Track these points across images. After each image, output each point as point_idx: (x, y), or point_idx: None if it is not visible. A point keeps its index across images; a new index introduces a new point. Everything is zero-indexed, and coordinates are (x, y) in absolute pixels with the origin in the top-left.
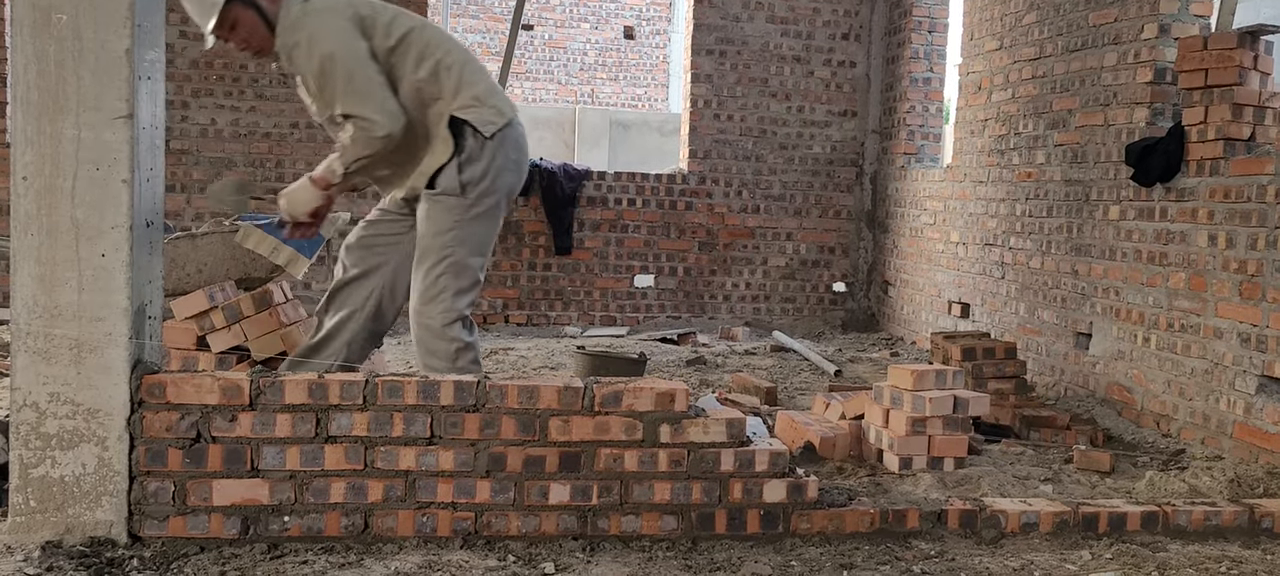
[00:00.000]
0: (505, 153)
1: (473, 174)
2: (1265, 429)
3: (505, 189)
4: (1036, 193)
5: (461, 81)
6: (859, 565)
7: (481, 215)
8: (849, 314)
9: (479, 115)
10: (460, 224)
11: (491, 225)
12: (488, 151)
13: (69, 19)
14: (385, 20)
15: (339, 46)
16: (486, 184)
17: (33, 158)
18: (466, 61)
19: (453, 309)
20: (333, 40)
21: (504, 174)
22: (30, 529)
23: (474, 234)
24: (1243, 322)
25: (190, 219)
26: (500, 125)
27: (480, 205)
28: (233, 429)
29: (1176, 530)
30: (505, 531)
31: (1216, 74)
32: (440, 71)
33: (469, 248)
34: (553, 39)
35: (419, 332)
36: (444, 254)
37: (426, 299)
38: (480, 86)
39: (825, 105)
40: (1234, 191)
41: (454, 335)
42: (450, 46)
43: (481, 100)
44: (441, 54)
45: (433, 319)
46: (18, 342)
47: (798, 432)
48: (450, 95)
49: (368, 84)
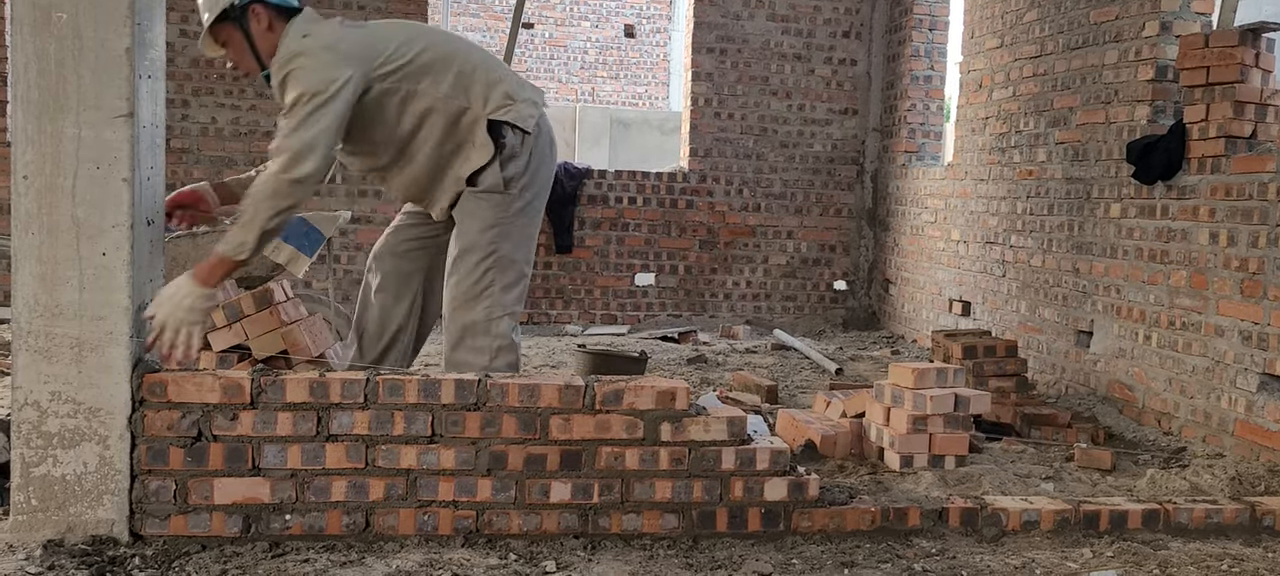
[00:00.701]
0: (541, 145)
1: (515, 170)
2: (1266, 426)
3: (544, 181)
4: (1037, 190)
5: (489, 84)
6: (860, 563)
7: (524, 209)
8: (850, 312)
9: (516, 113)
10: (505, 220)
11: (534, 219)
12: (527, 146)
13: (69, 18)
14: (392, 48)
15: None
16: (527, 178)
17: (33, 156)
18: (484, 62)
19: (500, 304)
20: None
21: (542, 167)
22: (32, 527)
23: (518, 228)
24: (1244, 320)
25: None
26: (537, 117)
27: (522, 199)
28: (234, 427)
29: (1178, 528)
30: (506, 530)
31: (1218, 71)
32: (461, 82)
33: (513, 242)
34: (553, 37)
35: (457, 331)
36: (490, 249)
37: (471, 295)
38: (508, 83)
39: (826, 103)
40: (1235, 189)
41: (499, 331)
42: (465, 51)
43: (514, 97)
44: (457, 61)
45: (477, 315)
46: (19, 341)
47: (799, 431)
48: (480, 102)
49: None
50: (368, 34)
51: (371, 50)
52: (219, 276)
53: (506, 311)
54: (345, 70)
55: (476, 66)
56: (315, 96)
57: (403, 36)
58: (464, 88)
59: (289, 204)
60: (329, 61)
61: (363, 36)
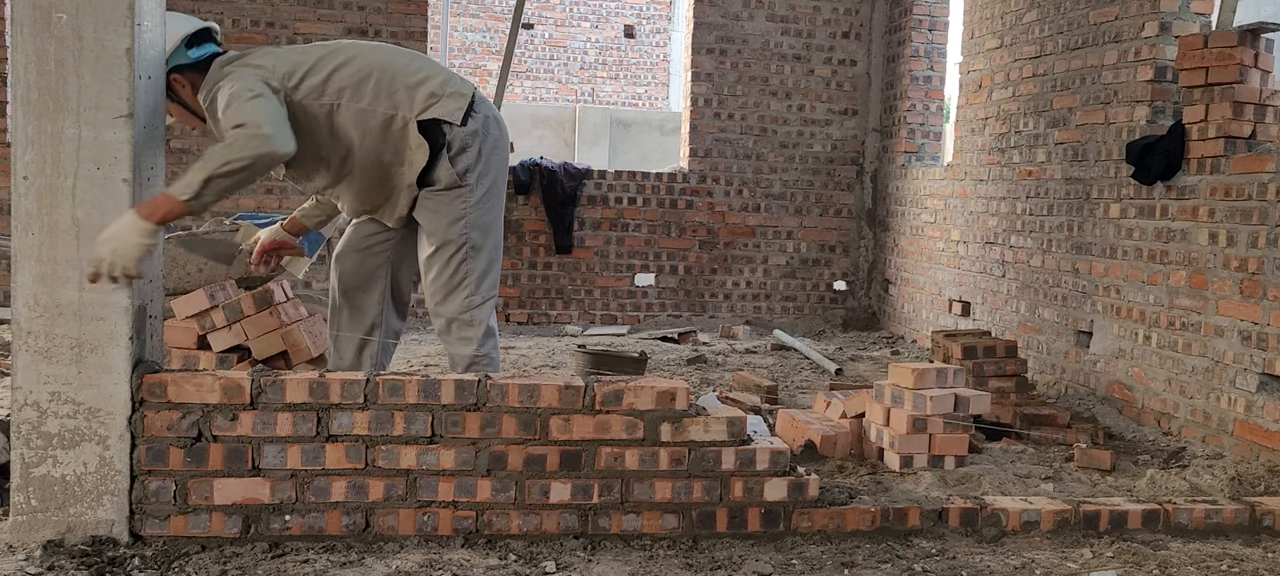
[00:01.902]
0: (485, 130)
1: (468, 161)
2: (1266, 426)
3: (499, 165)
4: (1037, 191)
5: (412, 88)
6: (860, 563)
7: (485, 196)
8: (850, 312)
9: (442, 109)
10: (468, 210)
11: (497, 202)
12: (474, 136)
13: (69, 18)
14: (309, 65)
15: (244, 86)
16: (482, 166)
17: (33, 157)
18: (405, 66)
19: (477, 292)
20: (240, 84)
21: (495, 151)
22: (32, 528)
23: (482, 215)
24: (1243, 320)
25: (190, 218)
26: (466, 105)
27: (481, 187)
28: (234, 428)
29: (1177, 528)
30: (506, 530)
31: (1217, 72)
32: (382, 90)
33: (480, 230)
34: (553, 38)
35: (442, 324)
36: (461, 240)
37: (449, 289)
38: (432, 81)
39: (826, 103)
40: (1234, 189)
41: (480, 317)
42: (385, 59)
43: (438, 93)
44: (375, 71)
45: (456, 306)
46: (19, 341)
47: (799, 431)
48: (406, 106)
49: (263, 107)
50: (280, 54)
51: (285, 67)
52: (161, 213)
53: (485, 298)
54: (262, 75)
55: (397, 72)
56: (243, 94)
57: (318, 54)
58: (387, 94)
59: (243, 157)
60: (246, 74)
61: (274, 57)
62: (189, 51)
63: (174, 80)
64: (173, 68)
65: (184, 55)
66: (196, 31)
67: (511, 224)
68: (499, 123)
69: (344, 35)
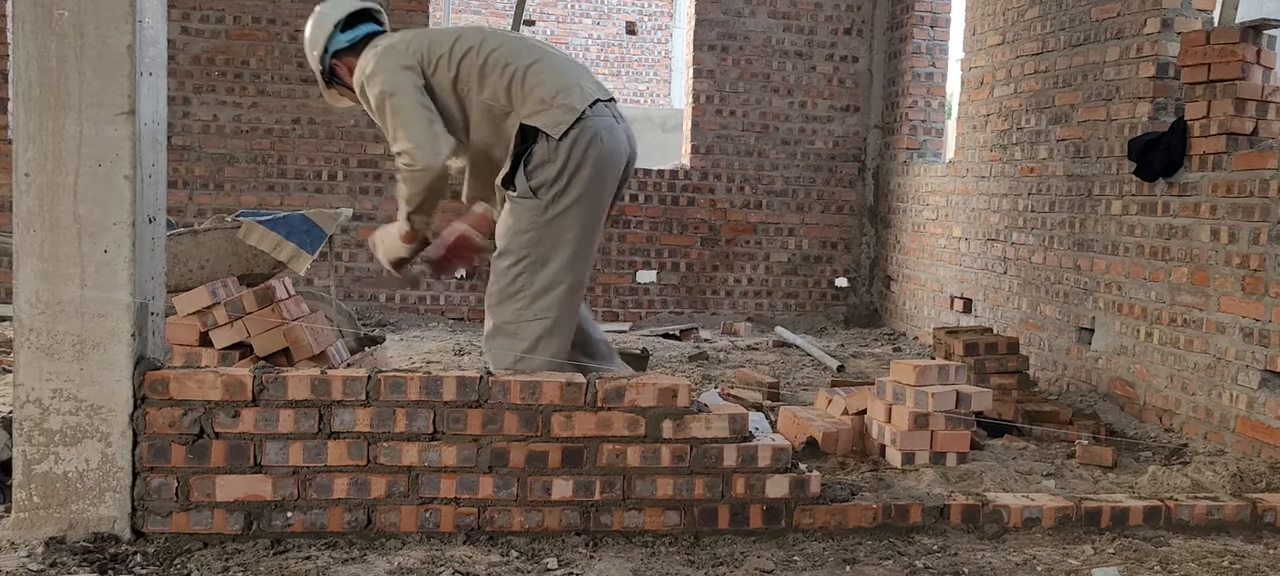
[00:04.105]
0: (582, 148)
1: (545, 177)
2: (1267, 423)
3: (588, 184)
4: (1039, 187)
5: (527, 88)
6: (861, 560)
7: (560, 216)
8: (851, 309)
9: (546, 119)
10: (537, 226)
11: (575, 225)
12: (561, 152)
13: (71, 15)
14: (444, 51)
15: (387, 83)
16: (562, 184)
17: (35, 154)
18: (533, 64)
19: (530, 309)
20: (383, 79)
21: (584, 169)
22: (34, 525)
23: (554, 234)
24: (1245, 317)
25: (192, 215)
26: (570, 122)
27: (557, 206)
28: (236, 425)
29: (1179, 525)
30: (508, 527)
31: (1219, 68)
32: (505, 85)
33: (548, 247)
34: (554, 34)
35: (489, 328)
36: (522, 254)
37: (502, 298)
38: (547, 87)
39: (827, 100)
40: (1236, 186)
41: (527, 335)
42: (515, 54)
43: (547, 102)
44: (505, 65)
45: (505, 316)
46: (21, 338)
47: (800, 428)
48: (519, 104)
49: (409, 116)
50: (422, 36)
51: (425, 49)
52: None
53: (537, 317)
54: (404, 61)
55: (519, 70)
56: (387, 94)
57: (453, 39)
58: (508, 89)
59: (418, 193)
60: (389, 63)
61: (419, 40)
62: (342, 35)
63: (336, 67)
64: (333, 53)
65: (339, 39)
66: (351, 13)
67: None
68: (604, 140)
69: None
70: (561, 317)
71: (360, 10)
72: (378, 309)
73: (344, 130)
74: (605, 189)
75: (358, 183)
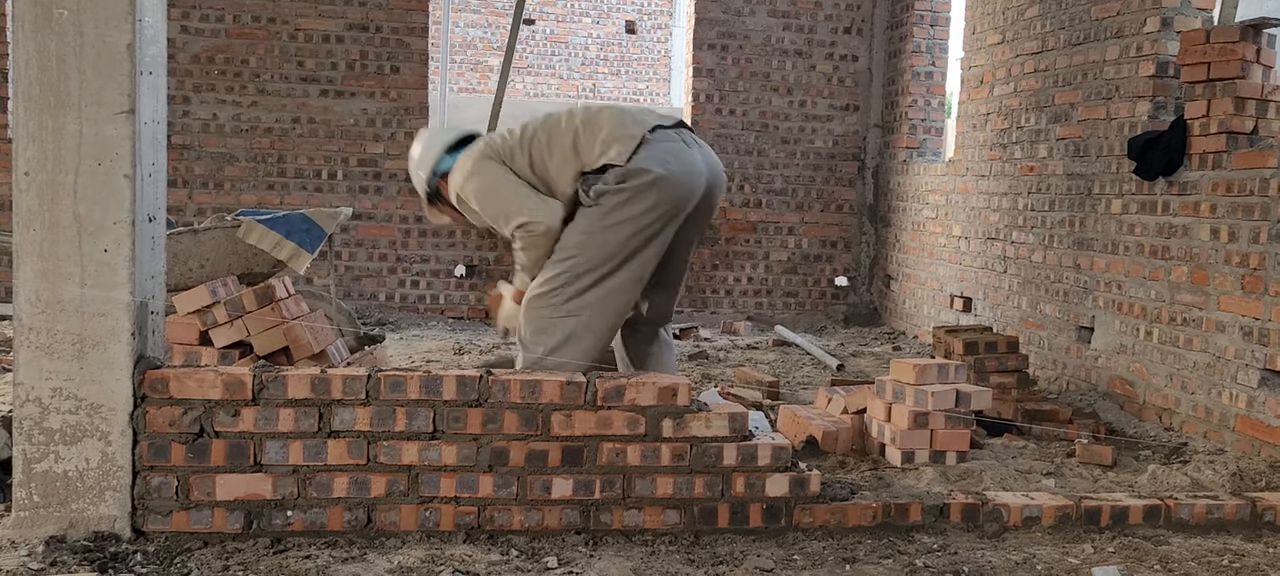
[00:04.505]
0: (644, 164)
1: (607, 186)
2: (1267, 422)
3: (648, 197)
4: (1038, 186)
5: (589, 138)
6: (861, 559)
7: (615, 224)
8: (851, 308)
9: (611, 153)
10: (589, 230)
11: (625, 233)
12: (626, 171)
13: (70, 14)
14: (515, 142)
15: (483, 177)
16: (622, 196)
17: (35, 153)
18: (588, 119)
19: (563, 305)
20: (479, 175)
21: (646, 184)
22: (34, 523)
23: (601, 240)
24: (1245, 316)
25: (192, 214)
26: (632, 149)
27: (614, 216)
28: (236, 424)
29: (1179, 523)
30: (508, 526)
31: (1219, 67)
32: (570, 144)
33: (594, 251)
34: (554, 33)
35: (521, 322)
36: (569, 254)
37: (541, 288)
38: (605, 129)
39: (827, 99)
40: (1236, 185)
41: (558, 330)
42: (570, 116)
43: (608, 142)
44: (565, 128)
45: (538, 308)
46: (21, 338)
47: (800, 427)
48: (586, 155)
49: (514, 193)
50: (499, 135)
51: (500, 144)
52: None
53: (569, 314)
54: (489, 157)
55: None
56: (488, 185)
57: (527, 126)
58: (574, 147)
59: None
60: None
61: (494, 140)
62: (449, 156)
63: (440, 185)
64: (439, 174)
65: (446, 161)
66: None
67: None
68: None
69: (345, 31)
70: (593, 321)
71: (468, 136)
72: (377, 308)
73: (344, 129)
74: (668, 206)
75: (357, 182)
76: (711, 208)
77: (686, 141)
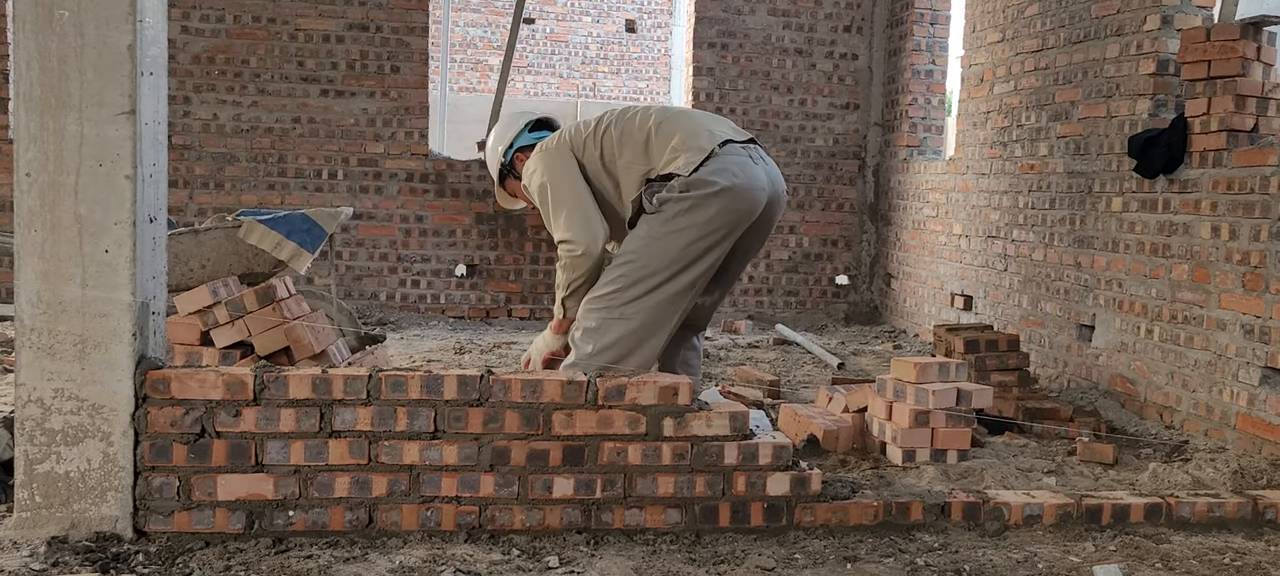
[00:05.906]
0: (710, 175)
1: (670, 194)
2: (1268, 420)
3: (711, 208)
4: (1039, 185)
5: (660, 141)
6: (862, 557)
7: (676, 232)
8: (852, 307)
9: (679, 162)
10: (651, 236)
11: (686, 241)
12: (691, 180)
13: (71, 15)
14: (589, 133)
15: (548, 174)
16: (684, 205)
17: (36, 154)
18: (662, 122)
19: (615, 305)
20: (544, 170)
21: (710, 194)
22: (36, 524)
23: (661, 247)
24: (1246, 314)
25: (193, 214)
26: (699, 161)
27: (676, 223)
28: (237, 424)
29: (1180, 521)
30: (509, 525)
31: (1219, 65)
32: (642, 143)
33: (654, 256)
34: (554, 32)
35: (576, 322)
36: (629, 258)
37: (600, 289)
38: (677, 137)
39: (827, 98)
40: (1237, 183)
41: (609, 331)
42: (645, 116)
43: (677, 149)
44: (639, 127)
45: (592, 306)
46: (22, 338)
47: (801, 425)
48: (656, 159)
49: (567, 205)
50: (577, 126)
51: (574, 136)
52: (560, 329)
53: (623, 317)
54: (561, 151)
55: (659, 126)
56: (548, 184)
57: (603, 119)
58: (645, 147)
59: (577, 277)
60: (551, 157)
61: (571, 130)
62: (529, 133)
63: (516, 160)
64: (516, 148)
65: (525, 137)
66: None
67: (514, 218)
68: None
69: (345, 31)
70: (647, 325)
71: (546, 119)
72: (378, 307)
73: (344, 129)
74: (729, 218)
75: (358, 182)
76: (771, 222)
77: (754, 157)
